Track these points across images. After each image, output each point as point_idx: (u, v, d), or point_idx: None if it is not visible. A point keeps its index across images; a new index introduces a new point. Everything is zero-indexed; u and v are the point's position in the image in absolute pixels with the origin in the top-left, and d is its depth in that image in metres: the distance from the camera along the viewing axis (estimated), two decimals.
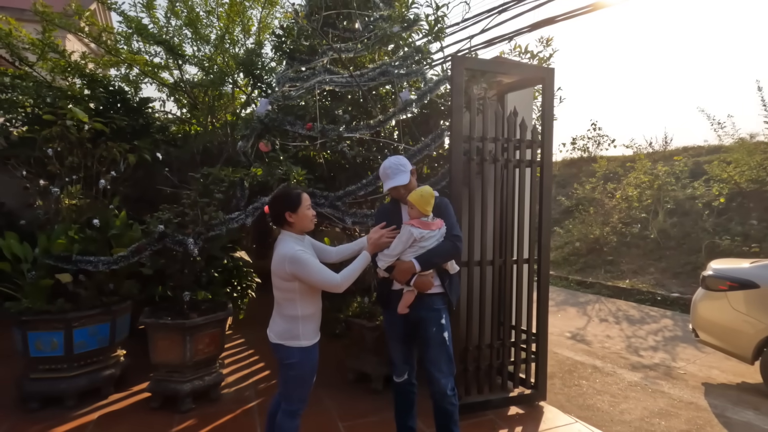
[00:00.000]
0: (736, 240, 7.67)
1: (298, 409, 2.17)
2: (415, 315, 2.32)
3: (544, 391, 3.27)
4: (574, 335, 5.36)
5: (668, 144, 12.27)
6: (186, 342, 3.04)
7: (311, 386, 2.21)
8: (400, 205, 2.42)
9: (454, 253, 2.29)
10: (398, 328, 2.41)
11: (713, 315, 4.00)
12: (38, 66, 5.42)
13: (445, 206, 2.37)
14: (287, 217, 2.12)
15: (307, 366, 2.15)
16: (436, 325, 2.29)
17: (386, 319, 2.50)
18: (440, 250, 2.25)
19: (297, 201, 2.14)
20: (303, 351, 2.12)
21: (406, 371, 2.47)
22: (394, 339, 2.45)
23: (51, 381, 3.08)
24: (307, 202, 2.17)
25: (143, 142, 4.29)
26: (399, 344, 2.44)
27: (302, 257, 2.03)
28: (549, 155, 3.25)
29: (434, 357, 2.29)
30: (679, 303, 6.74)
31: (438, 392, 2.29)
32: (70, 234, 3.16)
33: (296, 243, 2.12)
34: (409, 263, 2.21)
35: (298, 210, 2.13)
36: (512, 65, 3.35)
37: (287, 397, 2.16)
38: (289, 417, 2.15)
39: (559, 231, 10.92)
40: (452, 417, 2.32)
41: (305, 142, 3.81)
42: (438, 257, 2.25)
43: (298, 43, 4.15)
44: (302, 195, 2.17)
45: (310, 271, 2.03)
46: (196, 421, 2.97)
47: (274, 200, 2.19)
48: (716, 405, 3.45)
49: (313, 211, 2.20)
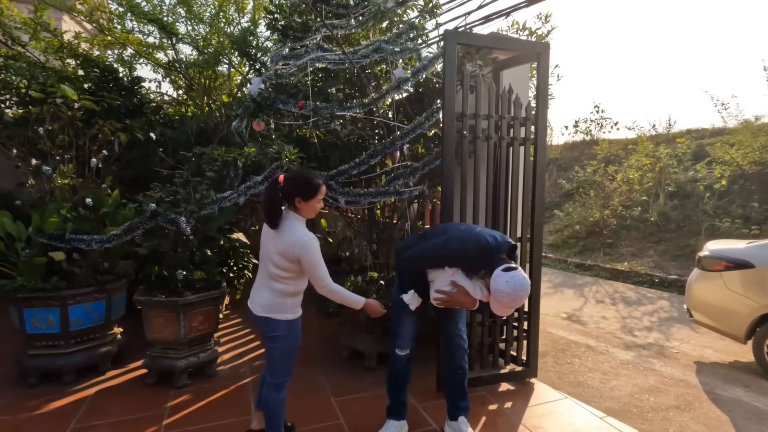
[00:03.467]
0: (736, 222, 7.63)
1: (284, 382, 2.21)
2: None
3: (535, 369, 3.30)
4: (569, 316, 5.39)
5: (672, 126, 12.15)
6: (180, 319, 3.08)
7: (296, 359, 2.25)
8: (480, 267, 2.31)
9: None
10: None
11: (708, 295, 4.01)
12: (31, 46, 5.36)
13: None
14: (296, 202, 2.11)
15: (292, 338, 2.19)
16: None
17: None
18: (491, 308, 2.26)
19: (315, 191, 2.12)
20: (289, 324, 2.17)
21: (409, 345, 2.54)
22: (411, 313, 2.47)
23: (48, 357, 3.13)
24: (321, 195, 2.16)
25: (136, 121, 4.26)
26: (414, 318, 2.51)
27: (314, 247, 2.06)
28: (543, 133, 3.21)
29: (456, 318, 2.53)
30: (677, 285, 6.74)
31: (460, 349, 2.52)
32: (62, 213, 3.17)
33: (305, 228, 2.13)
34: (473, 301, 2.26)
35: (310, 201, 2.12)
36: (506, 40, 3.29)
37: (273, 370, 2.20)
38: (275, 390, 2.19)
39: (559, 214, 10.89)
40: (466, 374, 2.57)
41: (298, 121, 3.78)
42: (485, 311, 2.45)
43: (290, 20, 4.07)
44: (321, 187, 2.15)
45: (315, 263, 2.06)
46: (191, 396, 3.02)
47: (294, 180, 2.15)
48: (707, 382, 3.48)
49: (321, 204, 2.20)
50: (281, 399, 2.20)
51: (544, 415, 2.81)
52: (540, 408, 2.90)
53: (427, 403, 2.92)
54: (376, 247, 3.99)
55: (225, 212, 3.67)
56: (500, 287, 2.04)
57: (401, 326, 2.52)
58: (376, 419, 2.68)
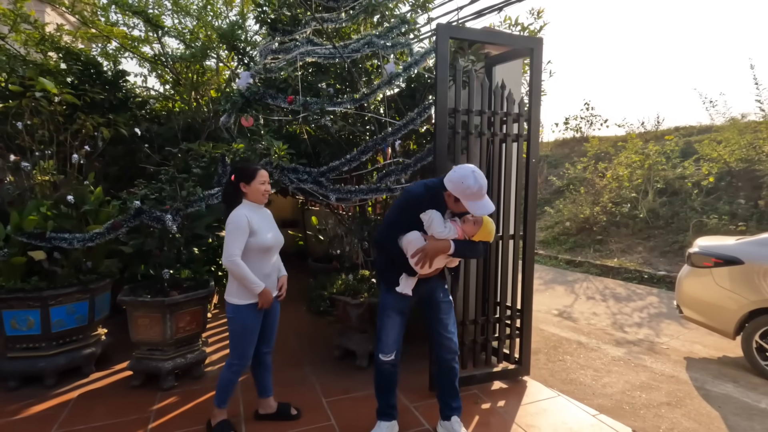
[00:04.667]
0: (723, 219, 7.72)
1: (235, 365, 2.38)
2: (425, 287, 2.41)
3: (527, 366, 3.28)
4: (560, 312, 5.40)
5: (660, 124, 12.27)
6: (166, 320, 2.99)
7: (248, 348, 2.39)
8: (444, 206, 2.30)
9: (481, 255, 2.46)
10: (398, 303, 2.39)
11: (698, 291, 4.03)
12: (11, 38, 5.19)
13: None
14: (241, 186, 2.38)
15: (237, 323, 2.36)
16: (442, 290, 2.47)
17: (391, 297, 2.39)
18: (475, 248, 2.33)
19: (252, 174, 2.38)
20: (235, 308, 2.35)
21: (394, 350, 2.44)
22: (396, 315, 2.39)
23: (29, 360, 3.03)
24: (261, 178, 2.40)
25: (121, 116, 4.15)
26: (395, 320, 2.40)
27: (234, 220, 2.29)
28: (536, 129, 3.18)
29: (444, 319, 2.45)
30: (666, 281, 6.81)
31: (449, 351, 2.45)
32: (42, 210, 3.06)
33: (247, 209, 2.36)
34: (446, 242, 2.21)
35: (252, 183, 2.37)
36: (499, 34, 3.25)
37: (230, 349, 2.42)
38: (226, 368, 2.41)
39: (549, 211, 10.93)
40: (457, 374, 2.51)
41: (288, 117, 3.71)
42: (470, 252, 2.32)
43: (279, 13, 3.99)
44: (259, 171, 2.41)
45: (228, 232, 2.28)
46: (178, 398, 2.95)
47: (236, 169, 2.44)
48: (697, 378, 3.50)
49: (267, 188, 2.42)
50: (229, 380, 2.41)
51: (537, 414, 2.80)
52: (533, 406, 2.89)
53: (420, 402, 2.89)
54: (368, 244, 3.94)
55: (213, 210, 3.59)
56: (452, 178, 2.14)
57: (384, 329, 2.41)
58: (368, 419, 2.64)
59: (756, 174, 8.19)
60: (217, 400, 2.49)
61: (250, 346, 2.41)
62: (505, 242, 3.20)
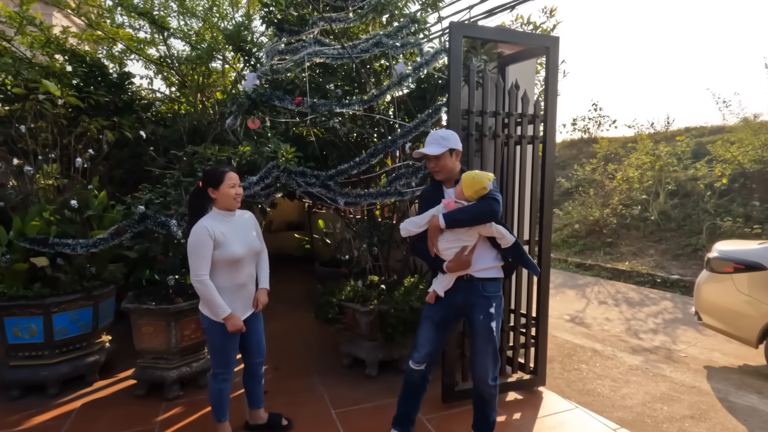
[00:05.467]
0: (737, 221, 7.55)
1: (219, 374, 2.31)
2: (462, 300, 2.20)
3: (543, 377, 3.17)
4: (573, 318, 5.28)
5: (671, 124, 12.08)
6: (171, 328, 2.92)
7: (228, 356, 2.32)
8: (442, 188, 2.27)
9: (488, 213, 2.04)
10: (434, 313, 2.28)
11: (717, 298, 3.89)
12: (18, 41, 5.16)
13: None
14: (210, 192, 2.24)
15: (215, 334, 2.26)
16: (483, 312, 2.16)
17: (427, 304, 2.33)
18: (471, 207, 2.06)
19: (220, 178, 2.22)
20: (209, 321, 2.24)
21: (425, 362, 2.28)
22: (429, 322, 2.28)
23: (31, 368, 2.97)
24: (230, 181, 2.24)
25: (125, 119, 4.09)
26: (431, 331, 2.27)
27: (194, 235, 2.14)
28: (552, 131, 3.07)
29: (479, 346, 2.19)
30: (679, 285, 6.65)
31: (480, 380, 2.23)
32: (45, 215, 2.99)
33: (212, 220, 2.21)
34: (435, 219, 2.09)
35: (220, 187, 2.22)
36: (514, 33, 3.14)
37: (212, 360, 2.35)
38: (212, 380, 2.34)
39: (558, 213, 10.79)
40: (490, 404, 2.28)
41: (295, 119, 3.62)
42: (465, 214, 2.04)
43: (286, 13, 3.91)
44: (227, 173, 2.25)
45: (191, 248, 2.15)
46: (183, 408, 2.87)
47: (204, 174, 2.31)
48: (719, 389, 3.37)
49: (237, 191, 2.26)
50: (217, 390, 2.34)
51: (554, 427, 2.68)
52: (550, 419, 2.77)
53: (432, 414, 2.79)
54: (377, 249, 3.84)
55: None
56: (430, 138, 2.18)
57: (418, 337, 2.30)
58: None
59: None
60: (215, 416, 2.40)
61: (233, 352, 2.33)
62: None
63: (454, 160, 2.23)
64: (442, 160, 2.20)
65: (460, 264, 2.12)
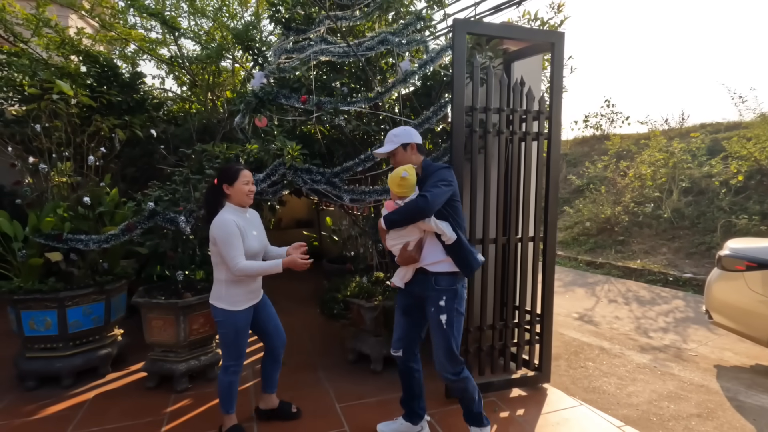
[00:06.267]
0: (753, 219, 7.39)
1: (230, 366, 2.37)
2: (419, 291, 2.30)
3: (548, 373, 3.17)
4: (581, 316, 5.24)
5: (685, 120, 11.87)
6: (180, 322, 2.98)
7: (241, 349, 2.40)
8: None
9: (415, 211, 2.09)
10: (400, 301, 2.42)
11: (729, 296, 3.83)
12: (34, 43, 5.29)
13: (434, 172, 2.22)
14: (225, 188, 2.32)
15: (230, 327, 2.32)
16: (434, 305, 2.22)
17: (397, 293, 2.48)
18: (402, 207, 2.14)
19: (235, 175, 2.32)
20: (225, 313, 2.31)
21: (399, 348, 2.42)
22: (397, 308, 2.44)
23: (46, 360, 3.06)
24: (245, 179, 2.33)
25: (137, 118, 4.17)
26: (399, 317, 2.42)
27: (223, 226, 2.21)
28: (557, 127, 3.06)
29: (432, 338, 2.27)
30: (692, 284, 6.55)
31: (439, 372, 2.30)
32: (59, 212, 3.08)
33: (232, 213, 2.29)
34: (379, 221, 2.20)
35: (235, 184, 2.31)
36: (518, 29, 3.13)
37: (224, 352, 2.40)
38: (222, 371, 2.39)
39: (569, 210, 10.68)
40: (463, 397, 2.34)
41: (302, 117, 3.66)
42: (397, 215, 2.13)
43: (293, 11, 3.95)
44: (242, 171, 2.35)
45: (224, 241, 2.20)
46: (191, 401, 2.94)
47: (219, 171, 2.40)
48: (728, 388, 3.32)
49: (250, 188, 2.36)
50: (228, 382, 2.39)
51: (558, 424, 2.68)
52: (554, 416, 2.77)
53: (436, 410, 2.80)
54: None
55: None
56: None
57: (394, 324, 2.46)
58: None
59: None
60: (223, 407, 2.46)
61: (244, 345, 2.42)
62: (525, 244, 3.09)
63: (409, 154, 2.29)
64: (396, 156, 2.30)
65: (405, 259, 2.20)
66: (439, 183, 2.14)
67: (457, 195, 2.24)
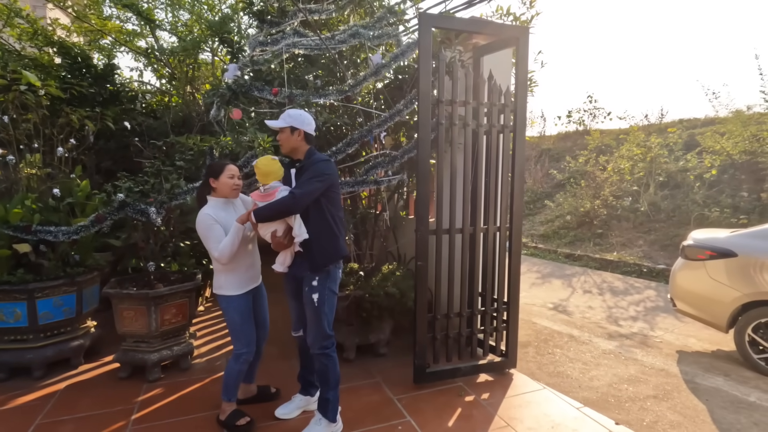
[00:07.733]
0: (725, 212, 7.61)
1: (243, 354, 2.43)
2: (298, 273, 2.41)
3: (514, 359, 3.27)
4: (556, 306, 5.37)
5: (664, 116, 12.09)
6: (151, 312, 3.01)
7: (249, 334, 2.46)
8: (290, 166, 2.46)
9: (283, 207, 2.20)
10: (286, 286, 2.54)
11: (691, 284, 3.98)
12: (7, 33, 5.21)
13: (312, 165, 2.30)
14: (210, 182, 2.40)
15: (233, 313, 2.41)
16: (308, 285, 2.35)
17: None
18: (273, 203, 2.22)
19: (220, 169, 2.40)
20: (227, 299, 2.41)
21: (299, 328, 2.58)
22: (287, 295, 2.56)
23: (17, 351, 3.06)
24: (229, 172, 2.41)
25: (110, 110, 4.15)
26: (290, 301, 2.56)
27: (202, 222, 2.30)
28: (522, 120, 3.13)
29: (307, 315, 2.38)
30: (665, 275, 6.73)
31: (310, 345, 2.40)
32: (27, 203, 3.07)
33: (211, 208, 2.37)
34: (250, 215, 2.24)
35: (219, 177, 2.39)
36: (484, 23, 3.19)
37: (234, 340, 2.46)
38: (234, 360, 2.44)
39: (550, 204, 10.86)
40: (323, 376, 2.39)
41: (275, 109, 3.68)
42: (268, 210, 2.21)
43: (267, 4, 3.96)
44: (227, 165, 2.42)
45: (202, 235, 2.32)
46: (163, 390, 2.97)
47: (206, 167, 2.51)
48: (687, 371, 3.46)
49: (236, 182, 2.43)
50: (237, 370, 2.44)
51: (520, 406, 2.78)
52: (517, 399, 2.87)
53: (403, 395, 2.88)
54: (353, 237, 3.93)
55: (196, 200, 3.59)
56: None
57: (289, 308, 2.59)
58: (352, 412, 2.65)
59: (759, 166, 8.05)
60: (226, 395, 2.48)
61: (252, 330, 2.48)
62: (491, 234, 3.17)
63: (295, 138, 2.34)
64: (282, 134, 2.36)
65: (277, 245, 2.32)
66: (313, 179, 2.23)
67: (335, 186, 2.34)
